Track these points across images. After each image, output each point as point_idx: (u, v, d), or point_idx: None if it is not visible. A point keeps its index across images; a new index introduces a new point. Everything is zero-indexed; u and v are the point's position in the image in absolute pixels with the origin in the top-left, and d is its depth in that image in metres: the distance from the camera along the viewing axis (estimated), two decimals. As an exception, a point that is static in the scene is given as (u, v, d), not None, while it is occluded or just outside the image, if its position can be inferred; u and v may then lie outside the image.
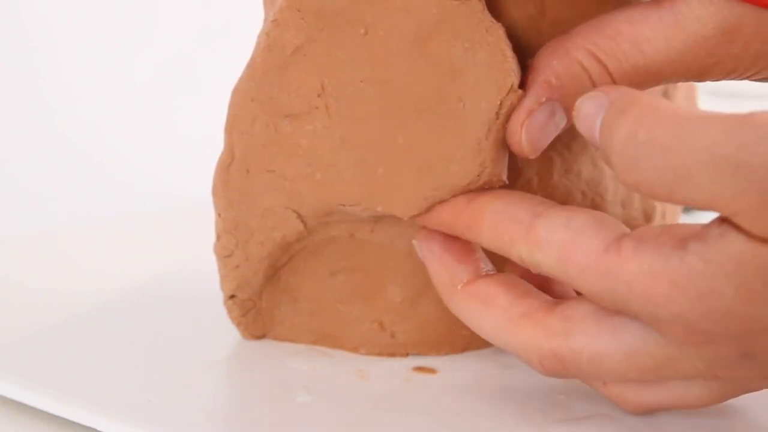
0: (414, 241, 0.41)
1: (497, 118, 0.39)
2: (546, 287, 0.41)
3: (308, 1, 0.39)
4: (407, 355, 0.45)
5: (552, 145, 0.41)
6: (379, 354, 0.45)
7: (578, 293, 0.38)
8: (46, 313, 0.48)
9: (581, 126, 0.36)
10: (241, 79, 0.41)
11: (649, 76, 0.39)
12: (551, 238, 0.36)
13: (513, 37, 0.40)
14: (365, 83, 0.40)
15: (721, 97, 0.55)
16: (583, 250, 0.36)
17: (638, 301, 0.34)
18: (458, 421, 0.40)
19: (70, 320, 0.47)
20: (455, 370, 0.44)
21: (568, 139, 0.44)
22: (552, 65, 0.39)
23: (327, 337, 0.46)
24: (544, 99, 0.39)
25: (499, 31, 0.39)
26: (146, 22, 0.93)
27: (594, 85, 0.39)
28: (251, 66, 0.41)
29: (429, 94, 0.39)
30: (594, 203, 0.45)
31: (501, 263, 0.41)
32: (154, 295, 0.50)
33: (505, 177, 0.40)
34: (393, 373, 0.44)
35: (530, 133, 0.39)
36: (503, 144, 0.40)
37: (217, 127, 0.43)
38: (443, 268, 0.40)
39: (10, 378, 0.42)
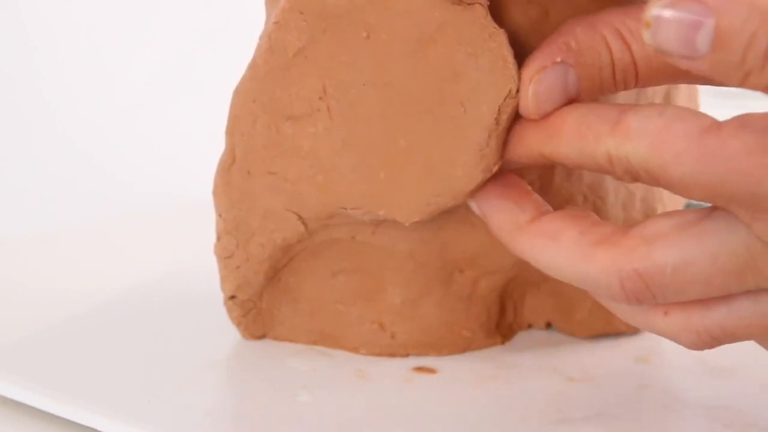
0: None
1: (497, 124, 0.39)
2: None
3: (311, 3, 0.39)
4: (407, 355, 0.45)
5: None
6: (379, 354, 0.45)
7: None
8: (46, 313, 0.48)
9: (664, 35, 0.33)
10: (243, 80, 0.41)
11: (668, 67, 0.38)
12: (643, 126, 0.35)
13: (516, 42, 0.40)
14: (367, 86, 0.40)
15: (727, 98, 0.54)
16: (680, 134, 0.34)
17: (739, 178, 0.33)
18: (458, 421, 0.40)
19: (70, 320, 0.47)
20: (455, 370, 0.44)
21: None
22: (575, 31, 0.38)
23: (327, 337, 0.46)
24: (558, 59, 0.38)
25: (501, 37, 0.39)
26: (146, 22, 0.93)
27: (614, 65, 0.38)
28: (253, 67, 0.41)
29: (430, 97, 0.39)
30: (595, 206, 0.45)
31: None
32: (154, 295, 0.50)
33: None
34: (393, 373, 0.44)
35: (537, 91, 0.38)
36: None
37: (218, 127, 0.43)
38: (503, 213, 0.39)
39: (10, 378, 0.42)
